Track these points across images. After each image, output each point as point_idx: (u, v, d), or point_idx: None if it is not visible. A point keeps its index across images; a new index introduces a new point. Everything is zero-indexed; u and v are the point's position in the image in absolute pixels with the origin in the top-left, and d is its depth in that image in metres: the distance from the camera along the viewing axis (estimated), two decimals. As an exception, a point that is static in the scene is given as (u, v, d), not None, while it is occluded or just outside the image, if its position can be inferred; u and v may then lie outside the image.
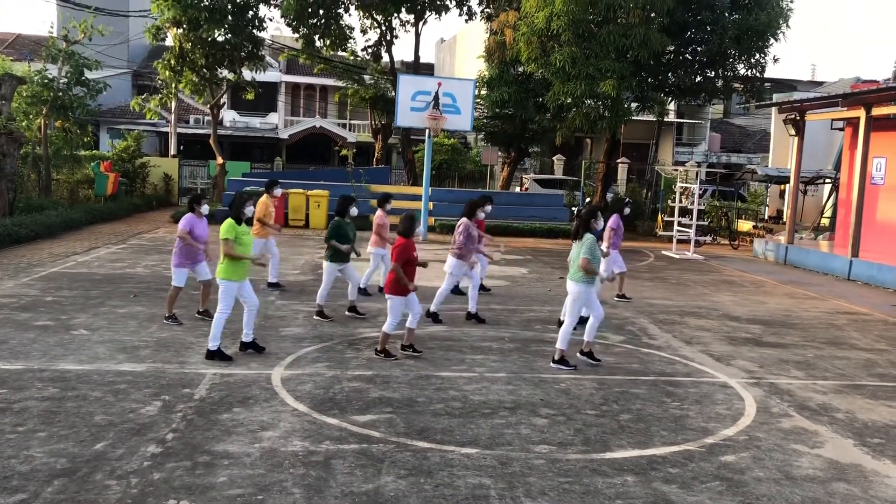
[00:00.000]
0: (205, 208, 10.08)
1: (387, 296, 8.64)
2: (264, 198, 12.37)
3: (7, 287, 11.80)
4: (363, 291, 12.03)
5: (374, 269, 12.28)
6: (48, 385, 7.12)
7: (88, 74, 23.57)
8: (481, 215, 11.20)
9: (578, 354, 8.87)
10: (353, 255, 10.60)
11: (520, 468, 5.72)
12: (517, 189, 33.60)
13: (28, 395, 6.79)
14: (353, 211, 10.66)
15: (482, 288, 12.71)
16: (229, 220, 8.30)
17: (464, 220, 10.73)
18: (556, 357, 8.62)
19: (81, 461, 5.46)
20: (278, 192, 12.79)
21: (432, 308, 10.57)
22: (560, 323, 10.45)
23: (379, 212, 11.91)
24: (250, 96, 28.44)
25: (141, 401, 6.80)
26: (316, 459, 5.69)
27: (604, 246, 12.54)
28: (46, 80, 22.68)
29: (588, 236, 8.65)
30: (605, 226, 11.47)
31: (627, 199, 13.79)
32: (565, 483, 5.50)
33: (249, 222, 8.57)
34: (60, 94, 22.94)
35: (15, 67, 23.10)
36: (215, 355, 8.23)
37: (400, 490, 5.25)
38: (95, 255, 15.69)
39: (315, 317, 10.47)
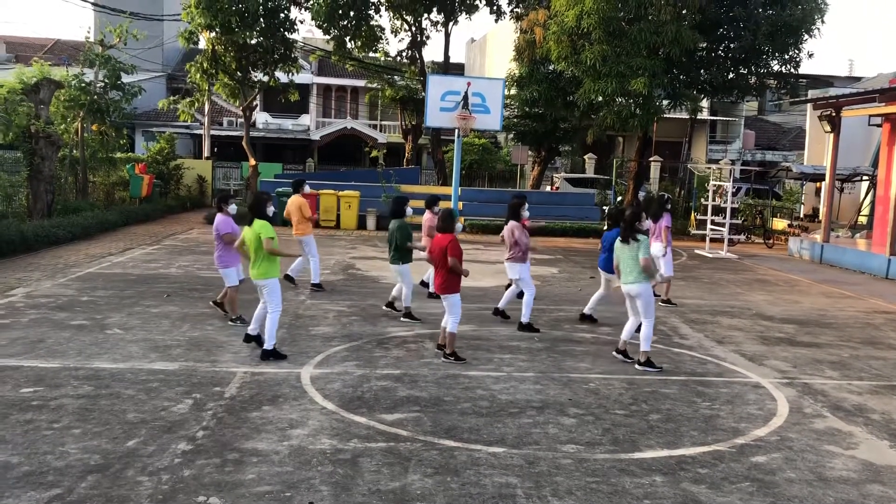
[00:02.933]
0: (232, 208, 10.21)
1: (443, 296, 8.65)
2: (296, 197, 12.47)
3: (45, 287, 12.04)
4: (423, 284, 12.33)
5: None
6: (83, 383, 7.25)
7: (124, 78, 23.96)
8: (525, 214, 11.11)
9: (614, 353, 8.93)
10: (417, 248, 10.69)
11: (547, 467, 5.71)
12: (548, 188, 33.47)
13: (64, 393, 6.93)
14: (409, 211, 10.76)
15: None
16: (264, 221, 8.38)
17: (512, 222, 10.66)
18: (642, 360, 8.59)
19: (114, 458, 5.56)
20: (307, 188, 12.91)
21: (524, 320, 10.42)
22: (583, 317, 10.66)
23: (427, 213, 11.80)
24: (294, 97, 28.72)
25: (172, 399, 6.90)
26: (343, 457, 5.73)
27: (660, 247, 12.42)
28: (83, 85, 23.09)
29: (644, 237, 8.60)
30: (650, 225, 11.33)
31: (667, 196, 13.65)
32: (593, 483, 5.47)
33: (271, 220, 8.58)
34: (97, 97, 23.35)
35: (53, 72, 23.49)
36: (271, 354, 8.32)
37: (427, 488, 5.26)
38: (130, 256, 15.95)
39: (403, 318, 10.52)
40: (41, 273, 13.39)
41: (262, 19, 25.03)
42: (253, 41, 25.54)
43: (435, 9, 28.04)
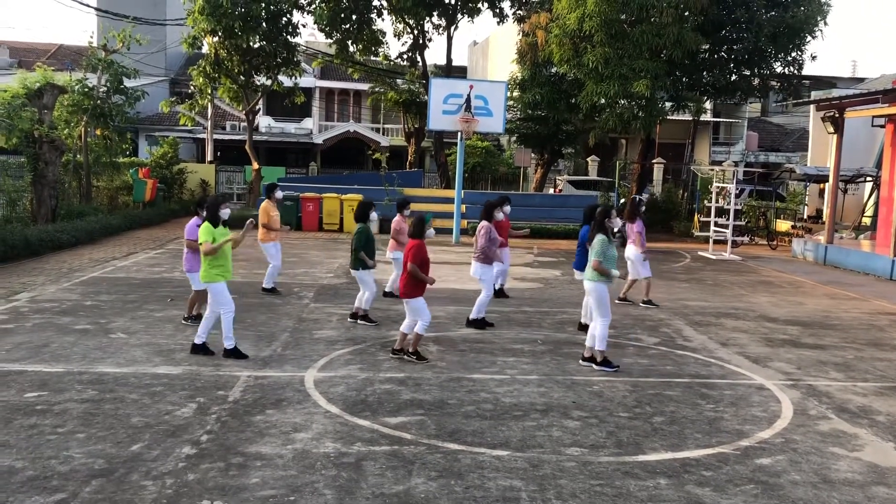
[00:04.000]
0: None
1: (405, 300, 8.60)
2: (266, 203, 12.43)
3: (49, 292, 12.06)
4: (390, 294, 12.08)
5: (399, 273, 12.26)
6: (87, 387, 7.26)
7: (127, 83, 24.00)
8: (500, 216, 11.08)
9: (581, 361, 8.78)
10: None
11: (551, 470, 5.70)
12: (551, 191, 33.45)
13: (68, 398, 6.94)
14: (374, 215, 10.63)
15: (501, 293, 12.64)
16: (206, 224, 8.41)
17: (484, 223, 10.67)
18: (599, 359, 8.56)
19: (118, 462, 5.57)
20: (279, 194, 12.79)
21: (472, 315, 10.45)
22: (582, 326, 10.40)
23: (397, 216, 11.85)
24: (300, 100, 28.77)
25: (176, 403, 6.90)
26: (347, 461, 5.73)
27: (635, 251, 12.47)
28: (87, 89, 23.14)
29: (599, 238, 8.58)
30: (622, 228, 11.32)
31: (639, 198, 13.57)
32: (597, 486, 5.46)
33: (225, 224, 8.58)
34: (100, 102, 23.38)
35: (57, 77, 23.54)
36: (232, 353, 8.40)
37: (430, 492, 5.26)
38: (134, 260, 15.97)
39: (360, 322, 10.43)
40: (45, 277, 13.41)
41: (264, 23, 25.10)
42: (256, 45, 25.60)
43: (437, 12, 28.07)
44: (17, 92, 20.79)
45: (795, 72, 24.99)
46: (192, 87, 27.61)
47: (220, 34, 24.54)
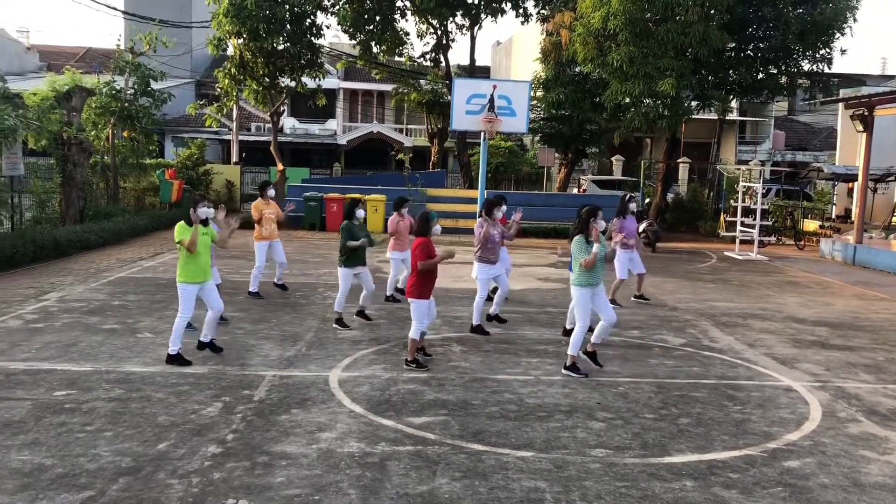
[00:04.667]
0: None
1: (410, 300, 8.49)
2: (258, 201, 12.30)
3: (77, 292, 12.22)
4: (391, 298, 12.07)
5: (396, 274, 12.23)
6: (114, 386, 7.34)
7: (153, 85, 24.24)
8: (498, 214, 10.90)
9: (582, 353, 8.56)
10: (368, 245, 10.27)
11: (576, 472, 5.67)
12: (574, 190, 33.31)
13: (96, 396, 7.02)
14: (360, 213, 10.41)
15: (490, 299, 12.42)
16: (181, 223, 8.31)
17: (479, 219, 10.56)
18: (568, 363, 8.39)
19: (145, 460, 5.62)
20: (271, 192, 12.62)
21: (475, 322, 10.28)
22: (566, 332, 10.22)
23: (393, 216, 11.73)
24: (322, 102, 28.90)
25: (202, 402, 6.96)
26: (372, 461, 5.74)
27: (619, 250, 12.07)
28: (114, 92, 23.41)
29: (577, 239, 8.37)
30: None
31: (629, 196, 13.32)
32: (622, 487, 5.42)
33: (205, 223, 8.48)
34: (127, 104, 23.64)
35: (85, 80, 23.85)
36: (175, 360, 8.15)
37: (454, 492, 5.25)
38: (160, 261, 16.13)
39: (335, 325, 10.28)
40: (74, 277, 13.59)
41: (288, 25, 25.21)
42: (280, 47, 25.73)
43: (460, 12, 28.06)
44: (47, 95, 21.08)
45: (824, 69, 24.66)
46: (218, 90, 27.82)
47: (244, 36, 24.69)
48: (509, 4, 28.34)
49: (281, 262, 12.52)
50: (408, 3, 28.01)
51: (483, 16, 28.54)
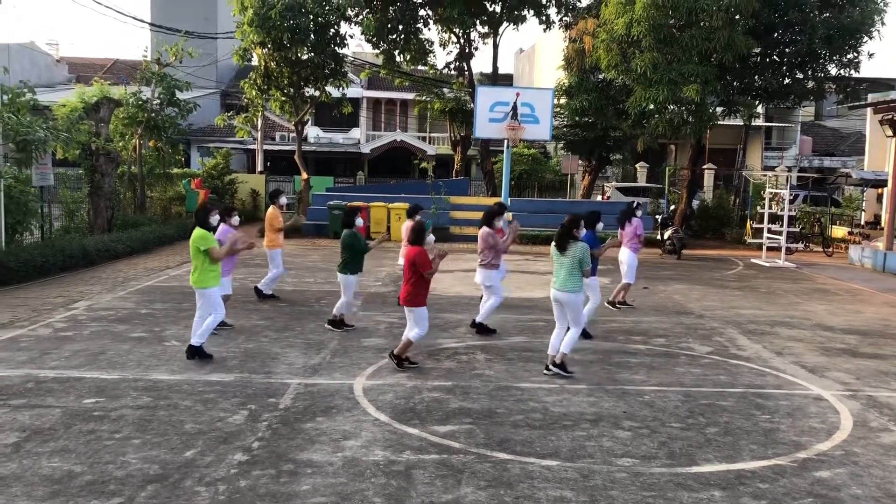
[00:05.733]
0: (235, 219, 10.55)
1: (407, 308, 8.53)
2: (272, 209, 12.59)
3: (105, 300, 12.36)
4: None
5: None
6: (142, 394, 7.41)
7: (179, 95, 24.53)
8: (499, 224, 10.87)
9: (551, 367, 8.51)
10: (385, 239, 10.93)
11: (602, 481, 5.62)
12: (599, 198, 33.16)
13: (124, 404, 7.09)
14: (359, 221, 10.61)
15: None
16: (202, 231, 8.60)
17: (483, 229, 10.55)
18: (558, 360, 8.39)
19: (173, 468, 5.66)
20: (283, 200, 12.93)
21: (479, 319, 10.44)
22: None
23: (407, 222, 11.73)
24: (348, 110, 29.10)
25: (228, 410, 7.00)
26: (397, 469, 5.73)
27: (628, 254, 12.60)
28: (141, 102, 23.71)
29: (581, 246, 8.32)
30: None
31: (637, 202, 13.44)
32: (649, 497, 5.37)
33: (214, 230, 8.86)
34: (154, 114, 23.94)
35: (112, 91, 24.20)
36: (197, 352, 8.62)
37: (480, 501, 5.23)
38: (187, 269, 16.22)
39: (327, 325, 10.51)
40: (102, 286, 13.75)
41: (312, 35, 25.40)
42: (304, 57, 25.94)
43: (482, 21, 28.12)
44: (76, 106, 21.43)
45: (851, 73, 24.37)
46: (245, 100, 28.10)
47: (269, 46, 24.94)
48: (531, 12, 28.36)
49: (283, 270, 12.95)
50: (430, 13, 28.13)
51: (505, 24, 28.58)
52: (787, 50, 24.10)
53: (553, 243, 8.56)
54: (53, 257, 15.04)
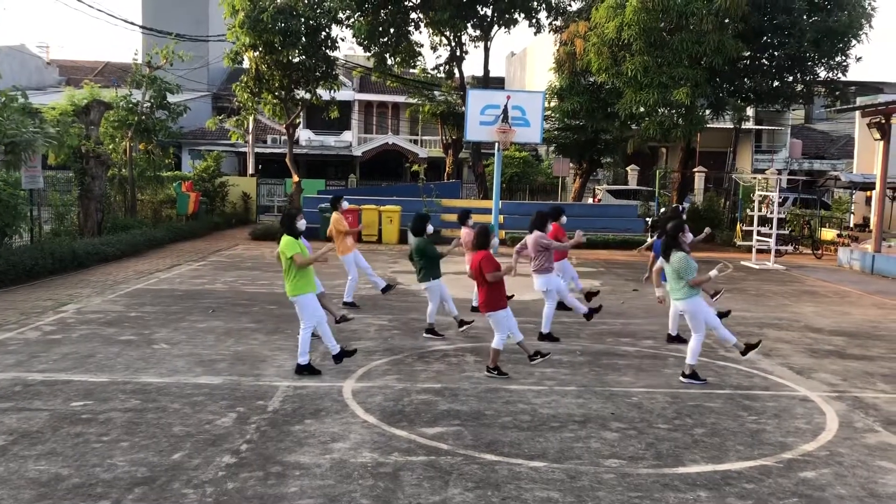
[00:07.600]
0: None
1: (487, 314, 8.54)
2: (336, 214, 12.50)
3: (95, 303, 12.33)
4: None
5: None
6: (130, 397, 7.40)
7: (170, 98, 24.49)
8: (549, 228, 10.95)
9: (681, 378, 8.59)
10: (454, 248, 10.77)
11: (589, 482, 5.65)
12: (590, 200, 33.26)
13: (112, 407, 7.08)
14: (430, 228, 10.52)
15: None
16: (288, 238, 8.35)
17: (536, 233, 10.51)
18: (687, 372, 8.49)
19: (160, 470, 5.66)
20: (345, 204, 12.92)
21: (544, 330, 10.39)
22: (672, 339, 10.40)
23: (464, 229, 11.50)
24: (334, 114, 29.09)
25: (217, 412, 7.00)
26: (385, 471, 5.75)
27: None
28: (131, 105, 23.66)
29: (679, 256, 8.48)
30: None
31: (684, 206, 13.26)
32: (636, 498, 5.40)
33: (300, 235, 8.56)
34: (144, 117, 23.89)
35: (103, 94, 24.14)
36: (305, 370, 8.34)
37: (467, 502, 5.24)
38: (177, 272, 16.25)
39: (426, 334, 10.44)
40: (91, 289, 13.72)
41: (304, 38, 25.42)
42: (295, 60, 25.94)
43: (473, 24, 28.20)
44: (66, 109, 21.37)
45: (840, 76, 24.55)
46: (237, 103, 28.07)
47: (260, 49, 24.94)
48: (522, 15, 28.46)
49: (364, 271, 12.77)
50: (421, 16, 28.19)
51: (496, 27, 28.66)
52: (776, 53, 24.30)
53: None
54: (43, 260, 14.99)
